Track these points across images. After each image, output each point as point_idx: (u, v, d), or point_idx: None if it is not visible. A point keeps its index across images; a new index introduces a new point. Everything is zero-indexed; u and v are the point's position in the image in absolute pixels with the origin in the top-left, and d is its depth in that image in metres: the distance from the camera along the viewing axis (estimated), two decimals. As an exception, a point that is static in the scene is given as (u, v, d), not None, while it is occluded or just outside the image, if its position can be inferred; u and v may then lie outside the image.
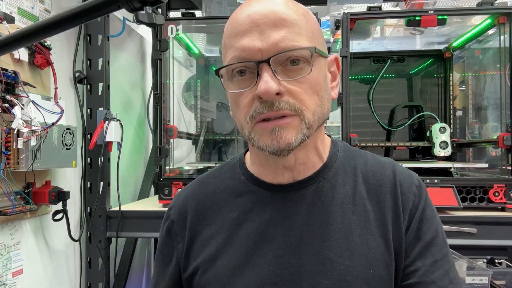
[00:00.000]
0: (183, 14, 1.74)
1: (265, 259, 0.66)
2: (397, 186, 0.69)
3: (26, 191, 1.33)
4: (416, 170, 1.65)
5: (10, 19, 1.25)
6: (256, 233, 0.68)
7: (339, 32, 1.66)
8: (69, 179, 1.62)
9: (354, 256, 0.64)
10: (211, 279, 0.68)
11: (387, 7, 2.31)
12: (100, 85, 1.68)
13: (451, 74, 2.04)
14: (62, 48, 1.59)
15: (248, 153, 0.78)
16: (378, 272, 0.64)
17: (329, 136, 0.76)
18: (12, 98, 1.21)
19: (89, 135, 1.65)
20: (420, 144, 1.86)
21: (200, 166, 1.88)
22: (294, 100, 0.62)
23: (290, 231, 0.66)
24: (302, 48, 0.61)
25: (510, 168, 1.55)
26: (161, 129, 1.66)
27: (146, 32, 2.28)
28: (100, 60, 1.68)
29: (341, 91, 1.61)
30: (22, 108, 1.23)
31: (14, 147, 1.21)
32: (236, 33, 0.63)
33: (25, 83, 1.29)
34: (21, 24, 1.35)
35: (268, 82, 0.59)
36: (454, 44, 2.00)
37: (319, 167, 0.70)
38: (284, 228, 0.67)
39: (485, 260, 1.94)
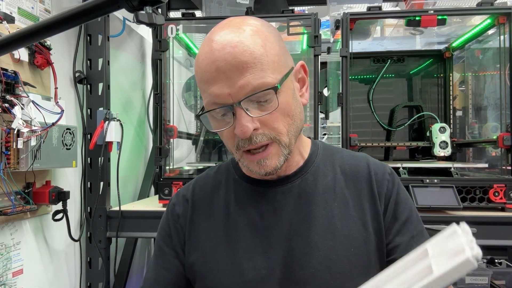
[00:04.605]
0: (183, 14, 1.74)
1: (260, 248, 0.74)
2: (372, 175, 0.79)
3: (26, 191, 1.33)
4: (416, 170, 1.70)
5: (10, 19, 1.25)
6: (250, 225, 0.76)
7: (339, 32, 1.66)
8: (69, 179, 1.62)
9: (337, 238, 0.73)
10: (211, 267, 0.76)
11: (387, 7, 2.31)
12: (100, 85, 1.68)
13: (451, 74, 2.04)
14: (62, 48, 1.59)
15: None
16: (358, 251, 0.73)
17: (309, 137, 0.86)
18: (12, 98, 1.21)
19: (89, 135, 1.65)
20: (420, 144, 1.86)
21: (200, 166, 1.88)
22: (268, 130, 0.69)
23: (281, 221, 0.75)
24: (267, 89, 0.67)
25: (510, 168, 1.55)
26: (161, 129, 1.66)
27: (146, 32, 2.28)
28: (100, 60, 1.68)
29: (341, 91, 1.61)
30: (22, 108, 1.23)
31: (14, 147, 1.21)
32: (205, 80, 0.69)
33: (25, 83, 1.29)
34: (21, 24, 1.35)
35: (242, 125, 0.67)
36: (454, 44, 2.00)
37: (302, 164, 0.80)
38: (275, 219, 0.75)
39: (485, 260, 1.94)
